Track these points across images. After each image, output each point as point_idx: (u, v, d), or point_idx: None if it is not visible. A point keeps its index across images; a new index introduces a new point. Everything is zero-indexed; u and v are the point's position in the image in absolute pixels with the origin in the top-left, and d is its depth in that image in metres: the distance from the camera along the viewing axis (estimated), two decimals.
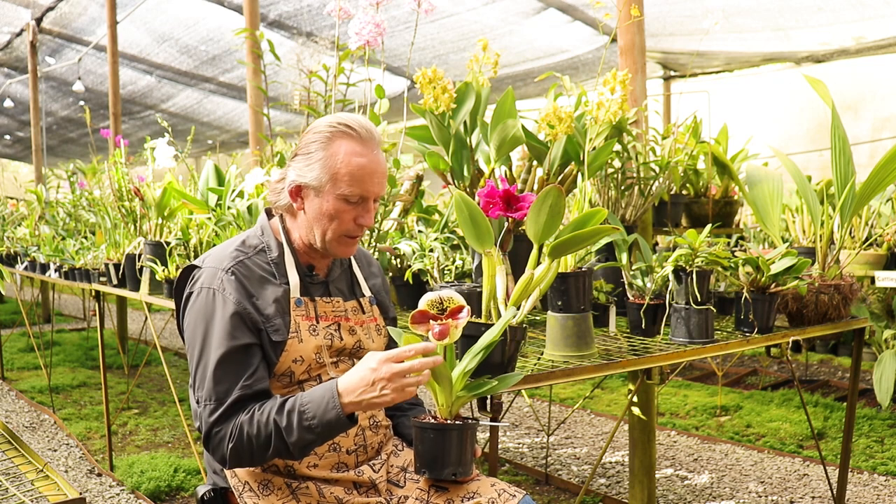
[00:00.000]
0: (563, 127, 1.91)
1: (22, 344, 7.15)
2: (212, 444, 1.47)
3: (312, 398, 1.41)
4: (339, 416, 1.39)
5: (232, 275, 1.53)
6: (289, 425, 1.41)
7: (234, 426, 1.44)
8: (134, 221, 3.51)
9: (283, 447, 1.42)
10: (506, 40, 6.28)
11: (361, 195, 1.55)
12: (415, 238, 2.58)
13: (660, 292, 2.18)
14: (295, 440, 1.40)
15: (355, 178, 1.53)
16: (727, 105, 6.03)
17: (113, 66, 6.36)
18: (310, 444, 1.42)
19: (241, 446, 1.44)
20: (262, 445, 1.43)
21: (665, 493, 3.39)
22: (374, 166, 1.55)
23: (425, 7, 2.42)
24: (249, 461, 1.47)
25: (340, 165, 1.53)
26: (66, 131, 12.54)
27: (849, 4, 5.00)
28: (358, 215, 1.56)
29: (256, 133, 4.15)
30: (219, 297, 1.51)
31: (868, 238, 3.53)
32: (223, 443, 1.45)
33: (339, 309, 1.65)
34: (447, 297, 1.44)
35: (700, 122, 3.07)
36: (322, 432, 1.41)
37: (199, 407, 1.48)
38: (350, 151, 1.53)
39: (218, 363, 1.47)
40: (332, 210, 1.55)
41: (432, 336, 1.41)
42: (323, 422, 1.39)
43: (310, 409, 1.40)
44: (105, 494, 3.40)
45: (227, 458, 1.46)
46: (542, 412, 4.73)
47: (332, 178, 1.53)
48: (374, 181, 1.55)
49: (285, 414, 1.41)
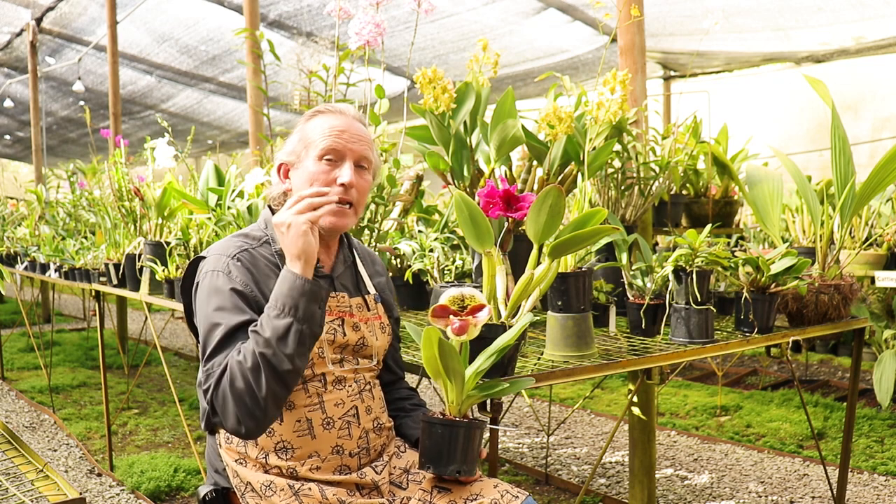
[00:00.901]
0: (563, 127, 1.91)
1: (22, 344, 7.15)
2: (217, 409, 1.44)
3: (272, 295, 1.45)
4: (294, 277, 1.42)
5: (238, 261, 1.55)
6: (261, 325, 1.42)
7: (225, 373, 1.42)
8: (134, 221, 3.51)
9: (269, 351, 1.38)
10: (506, 40, 6.28)
11: (334, 149, 1.58)
12: (415, 238, 2.58)
13: (660, 292, 2.18)
14: (270, 334, 1.39)
15: (326, 135, 1.59)
16: (727, 105, 6.03)
17: (113, 66, 6.36)
18: (287, 329, 1.40)
19: (234, 387, 1.39)
20: (251, 367, 1.39)
21: (665, 493, 3.39)
22: (347, 126, 1.61)
23: (425, 7, 2.42)
24: (252, 403, 1.39)
25: (314, 130, 1.61)
26: (66, 131, 12.54)
27: (849, 4, 5.00)
28: (338, 176, 1.58)
29: (256, 133, 4.15)
30: (223, 277, 1.52)
31: (868, 238, 3.53)
32: (227, 401, 1.41)
33: (344, 304, 1.65)
34: (469, 294, 1.46)
35: (700, 122, 3.07)
36: (288, 306, 1.41)
37: (202, 379, 1.47)
38: (323, 119, 1.62)
39: (223, 337, 1.46)
40: (311, 173, 1.58)
41: (451, 331, 1.43)
42: (285, 295, 1.41)
43: (270, 303, 1.43)
44: (105, 494, 3.40)
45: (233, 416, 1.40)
46: (542, 412, 4.73)
47: (306, 144, 1.61)
48: (347, 136, 1.60)
49: (258, 324, 1.43)
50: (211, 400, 1.44)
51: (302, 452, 1.54)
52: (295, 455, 1.54)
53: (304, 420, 1.54)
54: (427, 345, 1.42)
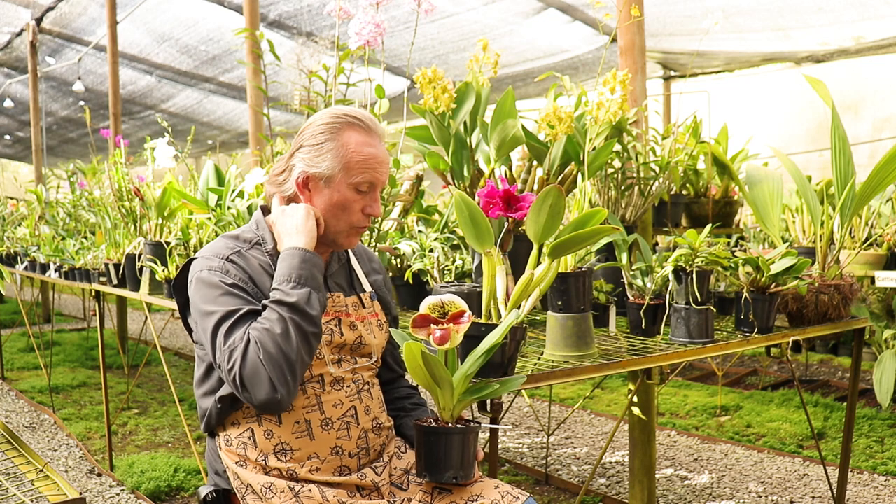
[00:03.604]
0: (563, 127, 1.91)
1: (22, 344, 7.15)
2: (251, 385, 1.41)
3: (278, 272, 1.50)
4: (303, 252, 1.51)
5: (231, 262, 1.55)
6: (278, 299, 1.46)
7: (250, 345, 1.42)
8: (134, 221, 3.51)
9: (297, 316, 1.44)
10: (506, 40, 6.28)
11: (371, 182, 1.59)
12: (415, 238, 2.58)
13: (660, 292, 2.18)
14: (296, 299, 1.45)
15: (366, 166, 1.57)
16: (727, 105, 6.03)
17: (113, 66, 6.36)
18: (308, 295, 1.47)
19: (268, 351, 1.41)
20: (282, 332, 1.42)
21: (665, 493, 3.39)
22: (382, 156, 1.61)
23: (425, 7, 2.42)
24: (289, 365, 1.42)
25: (352, 154, 1.57)
26: (66, 131, 12.55)
27: (849, 4, 5.00)
28: (366, 205, 1.60)
29: (256, 133, 4.15)
30: (218, 275, 1.52)
31: (868, 238, 3.53)
32: (259, 373, 1.41)
33: (340, 304, 1.65)
34: (448, 301, 1.45)
35: (700, 122, 3.07)
36: (304, 276, 1.49)
37: (221, 370, 1.46)
38: (360, 141, 1.58)
39: (230, 326, 1.45)
40: (343, 199, 1.58)
41: (433, 341, 1.41)
42: (298, 267, 1.49)
43: (280, 280, 1.49)
44: (105, 494, 3.40)
45: (273, 381, 1.40)
46: (542, 412, 4.73)
47: (344, 166, 1.57)
48: (382, 170, 1.61)
49: (274, 299, 1.47)
50: (240, 373, 1.41)
51: (301, 454, 1.54)
52: (294, 457, 1.54)
53: (303, 421, 1.54)
54: (410, 357, 1.41)
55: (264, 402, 1.42)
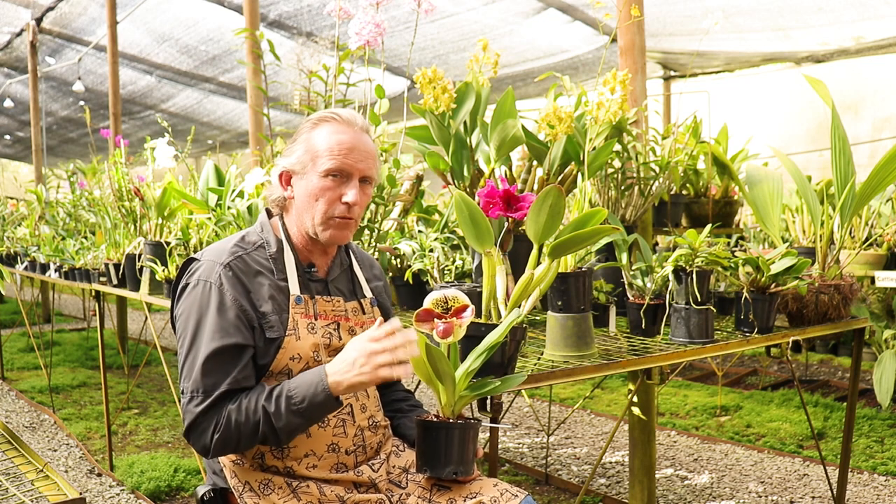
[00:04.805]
0: (563, 127, 1.91)
1: (22, 344, 7.15)
2: (194, 435, 1.48)
3: (300, 383, 1.46)
4: (328, 396, 1.43)
5: (229, 270, 1.55)
6: (277, 410, 1.44)
7: (222, 416, 1.46)
8: (134, 221, 3.51)
9: (271, 432, 1.45)
10: (506, 40, 6.28)
11: (342, 169, 1.57)
12: (415, 238, 2.58)
13: (660, 292, 2.18)
14: (283, 425, 1.44)
15: (334, 151, 1.57)
16: (727, 105, 6.02)
17: (113, 66, 6.36)
18: (297, 427, 1.46)
19: (228, 435, 1.46)
20: (250, 432, 1.46)
21: (665, 493, 3.39)
22: (355, 142, 1.59)
23: (425, 7, 2.42)
24: (235, 448, 1.49)
25: (321, 143, 1.59)
26: (66, 131, 12.55)
27: (849, 4, 5.00)
28: (343, 193, 1.58)
29: (256, 133, 4.15)
30: (214, 291, 1.52)
31: (868, 238, 3.53)
32: (206, 433, 1.47)
33: (340, 309, 1.65)
34: (452, 296, 1.47)
35: (700, 122, 3.07)
36: (309, 413, 1.44)
37: (185, 397, 1.50)
38: (331, 130, 1.60)
39: (208, 357, 1.48)
40: (316, 189, 1.58)
41: (436, 334, 1.43)
42: (313, 404, 1.43)
43: (298, 392, 1.44)
44: (105, 494, 3.40)
45: (212, 447, 1.47)
46: (542, 412, 4.73)
47: (312, 156, 1.59)
48: (355, 156, 1.59)
49: (273, 400, 1.45)
50: (194, 421, 1.47)
51: (298, 451, 1.54)
52: (291, 454, 1.54)
53: None
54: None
55: (195, 448, 1.51)
